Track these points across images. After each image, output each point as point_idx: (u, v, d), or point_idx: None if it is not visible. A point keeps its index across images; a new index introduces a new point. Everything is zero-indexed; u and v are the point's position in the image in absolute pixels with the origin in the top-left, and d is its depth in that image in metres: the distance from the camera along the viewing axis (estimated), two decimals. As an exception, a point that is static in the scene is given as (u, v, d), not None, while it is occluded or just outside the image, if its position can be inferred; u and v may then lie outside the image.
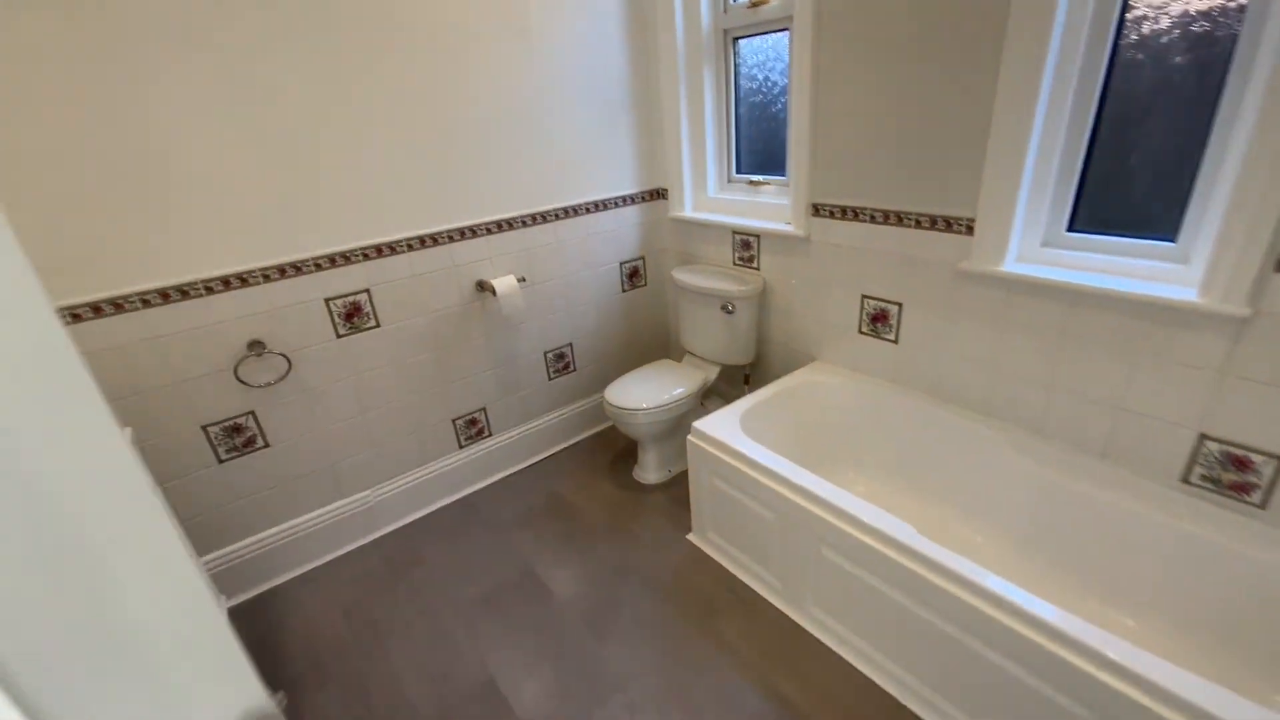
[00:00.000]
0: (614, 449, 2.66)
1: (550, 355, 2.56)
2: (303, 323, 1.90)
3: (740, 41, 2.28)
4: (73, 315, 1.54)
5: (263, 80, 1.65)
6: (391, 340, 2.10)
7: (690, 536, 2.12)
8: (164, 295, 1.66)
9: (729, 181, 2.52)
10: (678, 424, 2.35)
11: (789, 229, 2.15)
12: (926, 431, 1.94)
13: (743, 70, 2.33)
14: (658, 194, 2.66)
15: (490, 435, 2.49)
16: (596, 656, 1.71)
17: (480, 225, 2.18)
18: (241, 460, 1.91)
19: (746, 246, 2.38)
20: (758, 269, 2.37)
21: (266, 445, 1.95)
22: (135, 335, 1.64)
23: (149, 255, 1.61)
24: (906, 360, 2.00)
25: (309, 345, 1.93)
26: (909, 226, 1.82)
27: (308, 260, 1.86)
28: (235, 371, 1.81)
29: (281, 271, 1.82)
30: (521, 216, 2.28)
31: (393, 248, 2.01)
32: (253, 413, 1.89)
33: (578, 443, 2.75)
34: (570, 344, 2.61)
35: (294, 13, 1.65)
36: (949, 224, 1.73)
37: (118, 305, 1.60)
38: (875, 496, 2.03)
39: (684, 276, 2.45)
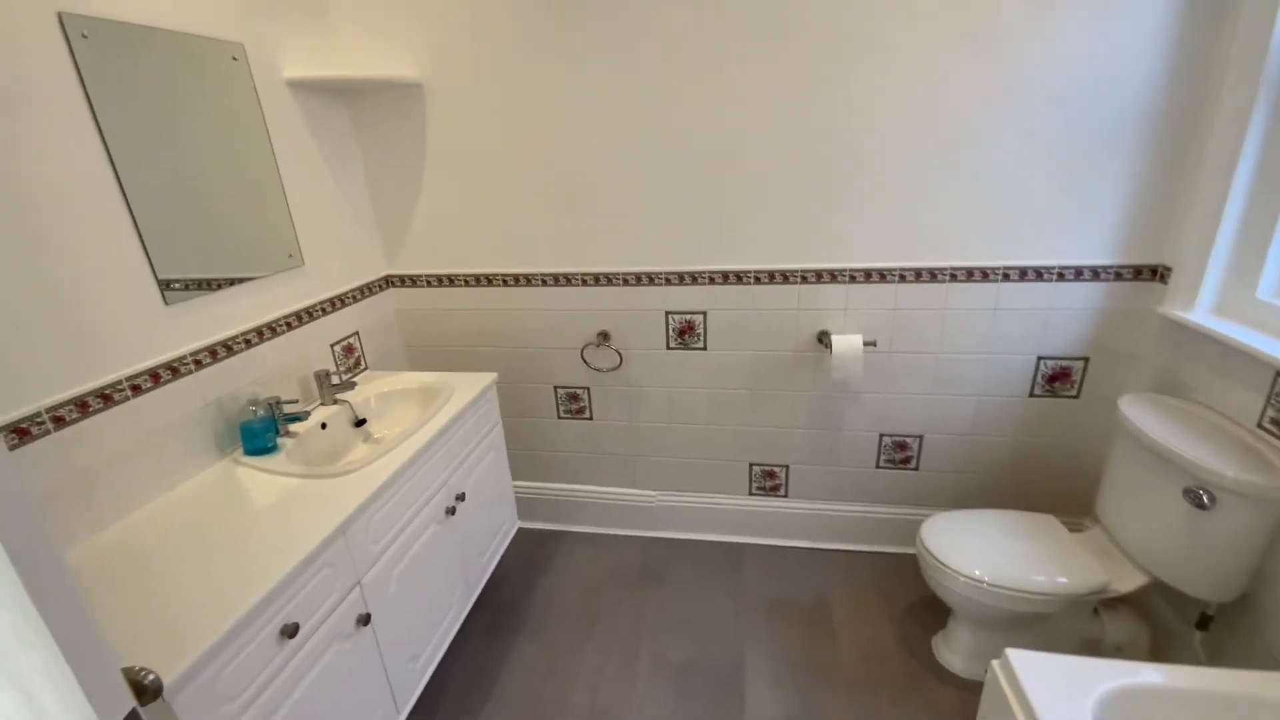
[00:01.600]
0: (924, 589, 1.98)
1: (888, 440, 2.05)
2: (642, 328, 2.05)
3: None
4: (506, 281, 2.07)
5: (651, 97, 1.76)
6: (713, 365, 2.06)
7: (955, 786, 1.41)
8: (555, 279, 2.04)
9: (1318, 282, 1.37)
10: (1031, 620, 1.55)
11: None
12: None
13: None
14: (1151, 273, 1.70)
15: (785, 495, 2.21)
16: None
17: (843, 270, 1.85)
18: (572, 422, 2.26)
19: (1301, 407, 1.28)
20: (1312, 455, 1.26)
21: (591, 418, 2.24)
22: (534, 304, 2.09)
23: (562, 246, 1.99)
24: None
25: (642, 349, 2.08)
26: None
27: (661, 273, 1.96)
28: (582, 352, 2.12)
29: (638, 279, 1.98)
30: (900, 269, 1.82)
31: (739, 276, 1.92)
32: (588, 389, 2.19)
33: (884, 555, 2.17)
34: (921, 437, 2.02)
35: (688, 29, 1.67)
36: None
37: (528, 279, 2.06)
38: None
39: (1139, 413, 1.52)
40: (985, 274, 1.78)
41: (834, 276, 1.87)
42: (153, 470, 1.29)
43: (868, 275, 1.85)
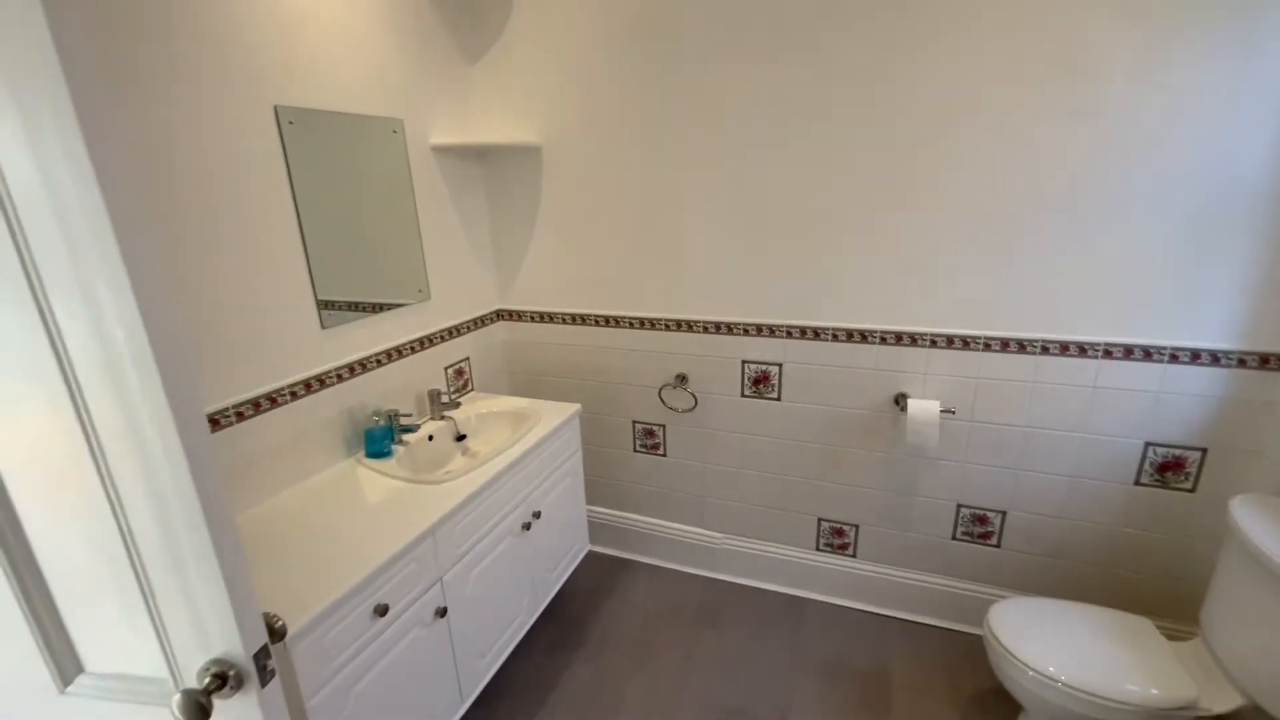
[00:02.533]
0: (995, 680, 1.85)
1: (966, 512, 1.97)
2: (719, 374, 2.15)
3: None
4: (598, 321, 2.27)
5: (740, 160, 1.89)
6: (786, 417, 2.10)
7: None
8: (641, 323, 2.21)
9: None
10: (1103, 727, 1.43)
11: None
12: None
13: None
14: (1278, 362, 1.54)
15: (853, 555, 2.17)
16: None
17: (925, 335, 1.85)
18: (646, 456, 2.39)
19: None
20: None
21: (665, 455, 2.36)
22: (620, 344, 2.27)
23: (650, 293, 2.17)
24: None
25: (718, 394, 2.18)
26: None
27: (739, 324, 2.06)
28: (660, 392, 2.25)
29: (718, 327, 2.10)
30: (985, 337, 1.78)
31: (817, 332, 1.97)
32: (664, 426, 2.32)
33: (955, 632, 2.05)
34: (1004, 512, 1.92)
35: (778, 96, 1.78)
36: None
37: (616, 321, 2.25)
38: None
39: (1253, 519, 1.37)
40: (1082, 349, 1.70)
41: (914, 340, 1.86)
42: (293, 463, 1.59)
43: (949, 341, 1.82)
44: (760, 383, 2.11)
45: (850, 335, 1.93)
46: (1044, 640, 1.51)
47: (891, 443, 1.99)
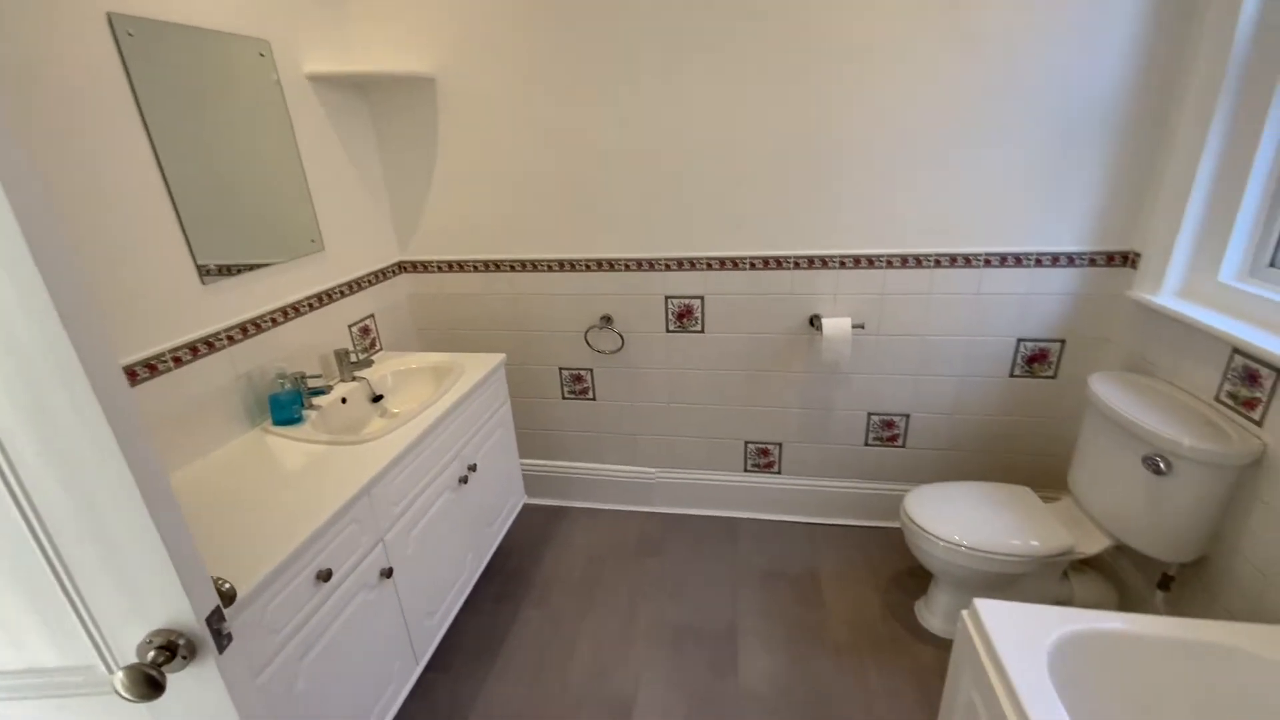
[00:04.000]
0: (908, 560, 2.09)
1: (876, 419, 2.16)
2: (644, 311, 2.16)
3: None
4: (513, 266, 2.17)
5: (653, 94, 1.86)
6: (710, 348, 2.17)
7: (931, 732, 1.53)
8: (560, 265, 2.14)
9: (1271, 265, 1.48)
10: (1005, 582, 1.66)
11: (1353, 381, 1.14)
12: None
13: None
14: (1122, 259, 1.80)
15: (778, 472, 2.33)
16: (729, 770, 1.48)
17: (834, 257, 1.96)
18: (576, 402, 2.37)
19: (1251, 381, 1.39)
20: (1259, 424, 1.37)
21: (594, 398, 2.35)
22: (539, 289, 2.19)
23: (567, 233, 2.10)
24: None
25: (644, 331, 2.19)
26: None
27: (660, 259, 2.07)
28: (585, 335, 2.22)
29: (639, 264, 2.09)
30: (886, 255, 1.92)
31: (735, 262, 2.02)
32: (591, 370, 2.30)
33: (873, 529, 2.28)
34: (907, 415, 2.13)
35: (688, 29, 1.77)
36: None
37: (534, 265, 2.16)
38: None
39: (1107, 388, 1.63)
40: (969, 260, 1.88)
41: (825, 262, 1.97)
42: (189, 438, 1.40)
43: (856, 261, 1.95)
44: (684, 317, 2.14)
45: (766, 262, 2.01)
46: (948, 516, 1.71)
47: (809, 363, 2.12)
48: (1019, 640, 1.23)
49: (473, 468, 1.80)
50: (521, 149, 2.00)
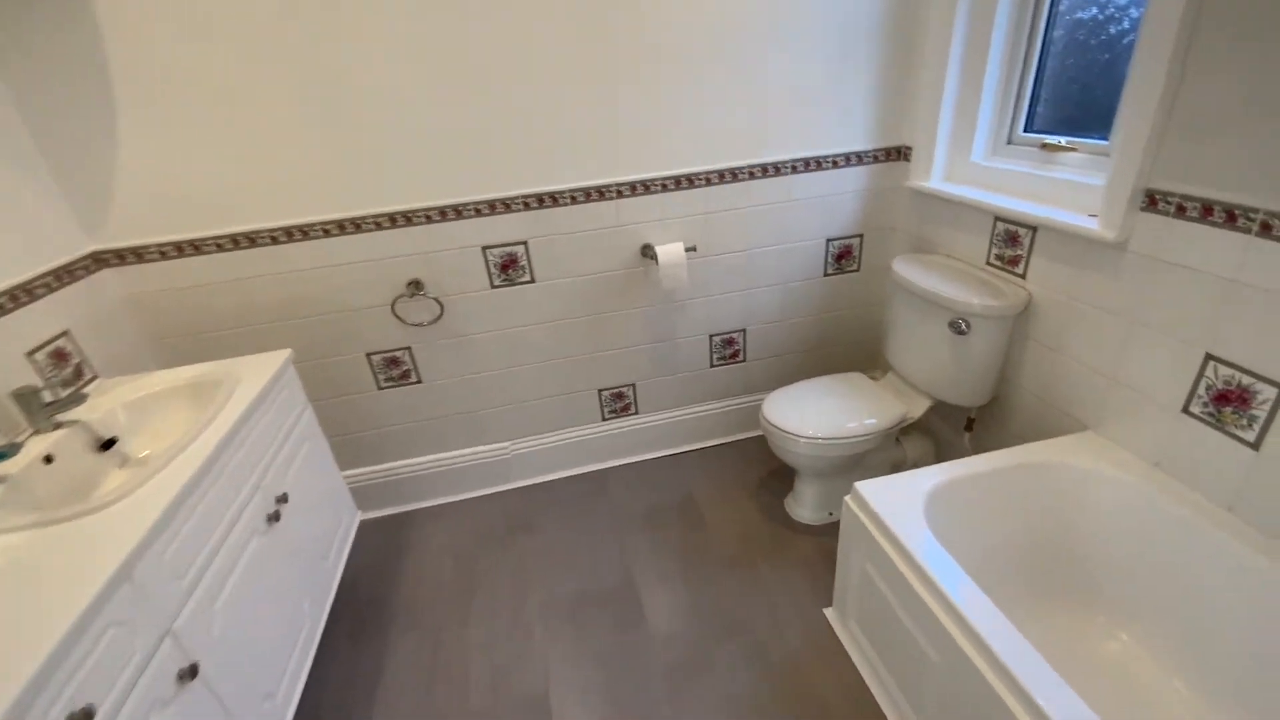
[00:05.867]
0: (772, 462, 2.22)
1: (717, 339, 2.19)
2: (460, 268, 1.86)
3: (1080, -80, 1.46)
4: (274, 237, 1.69)
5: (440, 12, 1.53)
6: (545, 297, 1.96)
7: (827, 612, 1.65)
8: (341, 226, 1.72)
9: (1008, 143, 1.74)
10: (855, 461, 1.82)
11: (1091, 225, 1.38)
12: (1260, 602, 1.12)
13: (1074, -31, 1.51)
14: (898, 154, 2.00)
15: (636, 413, 2.27)
16: (662, 717, 1.43)
17: (655, 180, 1.86)
18: (397, 389, 2.00)
19: (1012, 242, 1.64)
20: (1022, 276, 1.63)
21: (419, 381, 2.01)
22: (318, 261, 1.75)
23: (329, 187, 1.67)
24: (1271, 483, 1.15)
25: (465, 292, 1.89)
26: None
27: (468, 204, 1.77)
28: (393, 308, 1.86)
29: (443, 214, 1.77)
30: (705, 173, 1.88)
31: (555, 198, 1.82)
32: (409, 349, 1.95)
33: (733, 444, 2.37)
34: (743, 330, 2.20)
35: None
36: None
37: (304, 232, 1.71)
38: (1136, 678, 1.29)
39: (906, 270, 1.81)
40: (778, 169, 1.93)
41: (646, 187, 1.87)
42: None
43: (678, 182, 1.88)
44: (509, 267, 1.90)
45: (589, 194, 1.84)
46: (802, 414, 1.81)
47: (650, 295, 2.04)
48: (897, 505, 1.33)
49: (283, 498, 1.40)
50: (257, 83, 1.51)
